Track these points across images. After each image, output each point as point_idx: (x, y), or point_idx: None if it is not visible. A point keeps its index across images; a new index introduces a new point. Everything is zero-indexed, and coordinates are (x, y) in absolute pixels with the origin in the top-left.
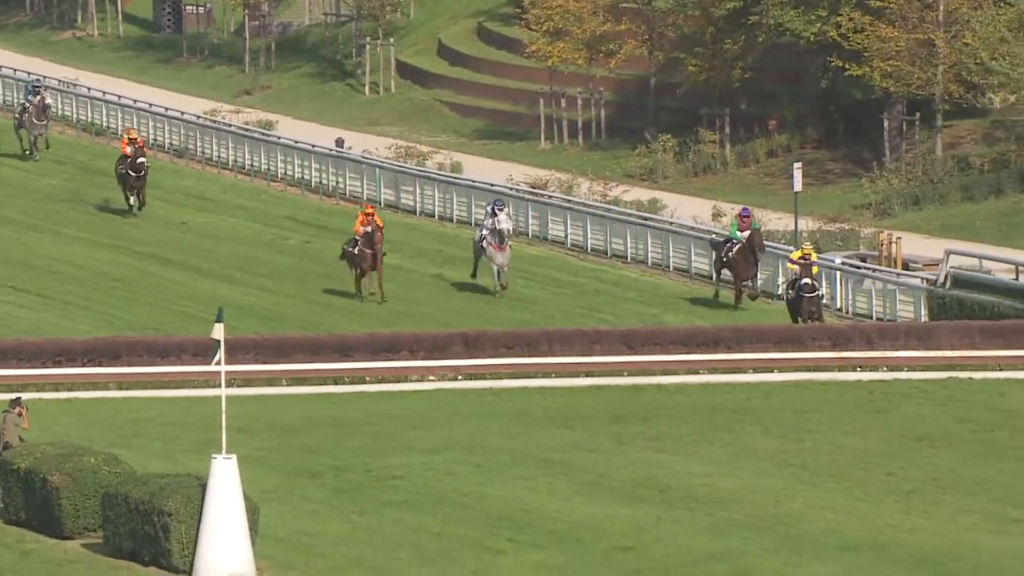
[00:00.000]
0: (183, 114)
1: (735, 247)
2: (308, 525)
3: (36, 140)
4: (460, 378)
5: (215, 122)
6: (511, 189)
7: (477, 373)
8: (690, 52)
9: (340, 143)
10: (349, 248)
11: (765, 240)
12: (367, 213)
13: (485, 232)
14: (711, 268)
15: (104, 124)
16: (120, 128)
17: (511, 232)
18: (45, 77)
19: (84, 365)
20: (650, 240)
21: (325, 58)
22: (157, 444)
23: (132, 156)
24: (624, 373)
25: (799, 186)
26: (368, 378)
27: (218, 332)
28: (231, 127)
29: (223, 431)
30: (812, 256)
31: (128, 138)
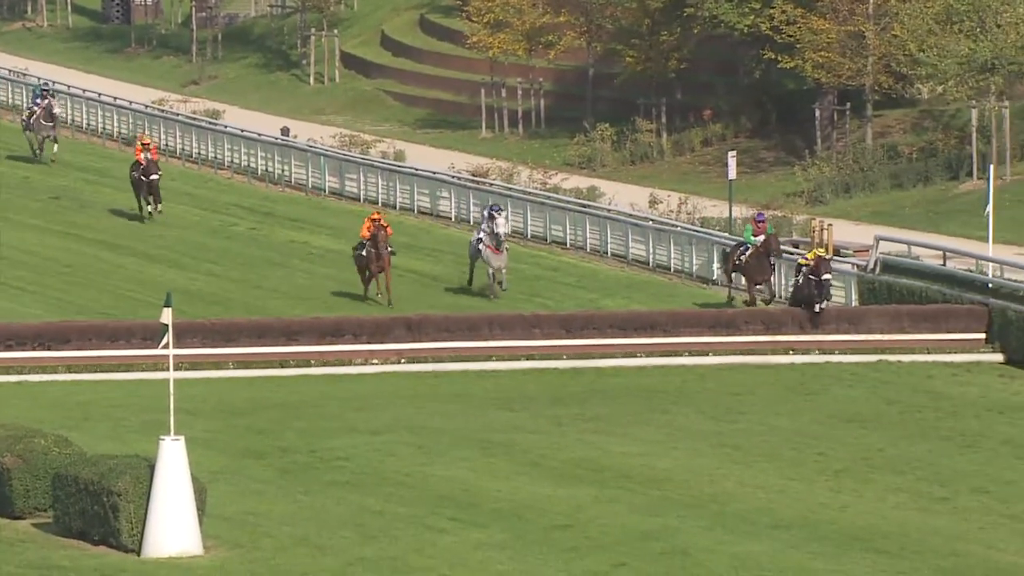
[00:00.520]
0: (131, 103)
1: (748, 251)
2: (254, 505)
3: (43, 142)
4: (403, 361)
5: (163, 111)
6: (453, 177)
7: (419, 356)
8: (627, 43)
9: (285, 132)
10: (358, 252)
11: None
12: (373, 219)
13: (482, 235)
14: (720, 275)
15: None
16: (70, 117)
17: (508, 235)
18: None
19: (34, 349)
20: (588, 227)
21: (271, 49)
22: (106, 426)
23: (146, 164)
24: (563, 356)
25: (733, 174)
26: (313, 361)
27: (166, 317)
28: (179, 116)
29: (171, 413)
30: (825, 256)
31: (141, 144)
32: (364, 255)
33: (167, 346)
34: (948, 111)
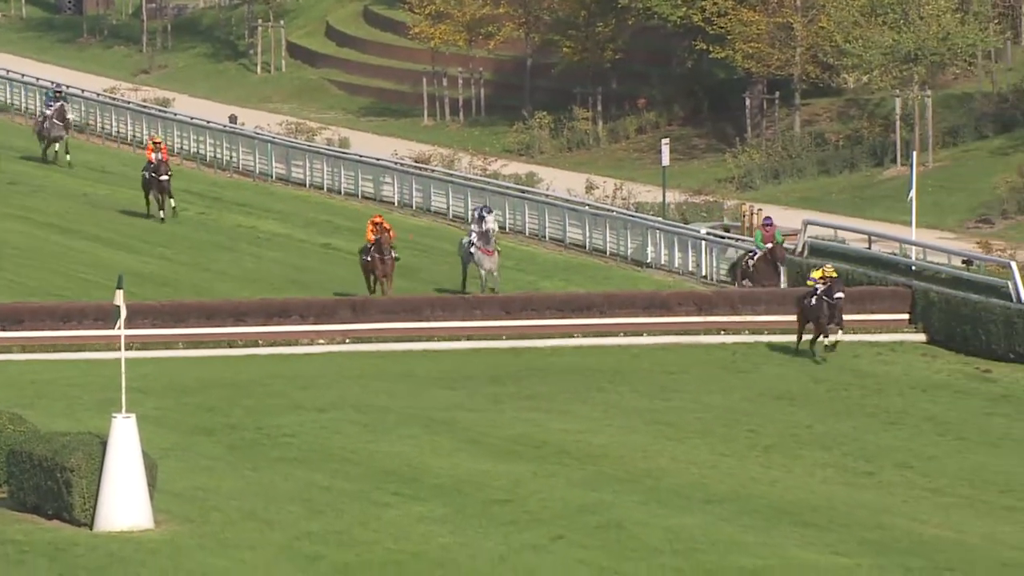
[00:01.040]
0: (84, 92)
1: (757, 255)
2: (204, 480)
3: (51, 145)
4: (348, 342)
5: (114, 99)
6: (396, 163)
7: (364, 337)
8: (564, 34)
9: (233, 119)
10: (363, 257)
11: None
12: (376, 223)
13: (472, 237)
14: (731, 280)
15: (7, 101)
16: (23, 104)
17: (497, 232)
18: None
19: None
20: (527, 212)
21: (219, 39)
22: (60, 404)
23: (156, 164)
24: (503, 337)
25: (667, 161)
26: (260, 341)
27: (118, 298)
28: (130, 104)
29: (123, 392)
30: (833, 276)
31: (152, 143)
32: (369, 260)
33: (119, 327)
34: (873, 100)
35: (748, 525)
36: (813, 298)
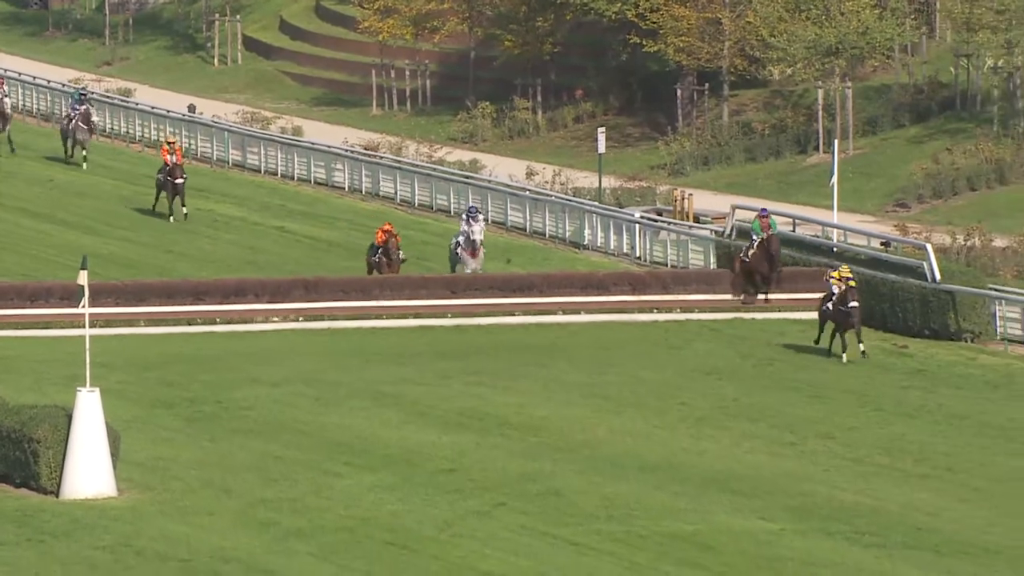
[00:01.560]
0: (50, 82)
1: (755, 245)
2: (164, 451)
3: (75, 147)
4: (301, 319)
5: (89, 92)
6: (346, 151)
7: (316, 315)
8: (506, 29)
9: (192, 109)
10: (371, 255)
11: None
12: (386, 230)
13: (460, 239)
14: (729, 269)
15: None
16: None
17: (483, 242)
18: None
19: None
20: (471, 196)
21: (178, 33)
22: (27, 379)
23: (172, 167)
24: (448, 315)
25: (603, 148)
26: (218, 319)
27: (82, 278)
28: (93, 94)
29: (87, 367)
30: (852, 280)
31: (167, 144)
32: (377, 260)
33: (84, 305)
34: (797, 91)
35: (679, 492)
36: (829, 303)
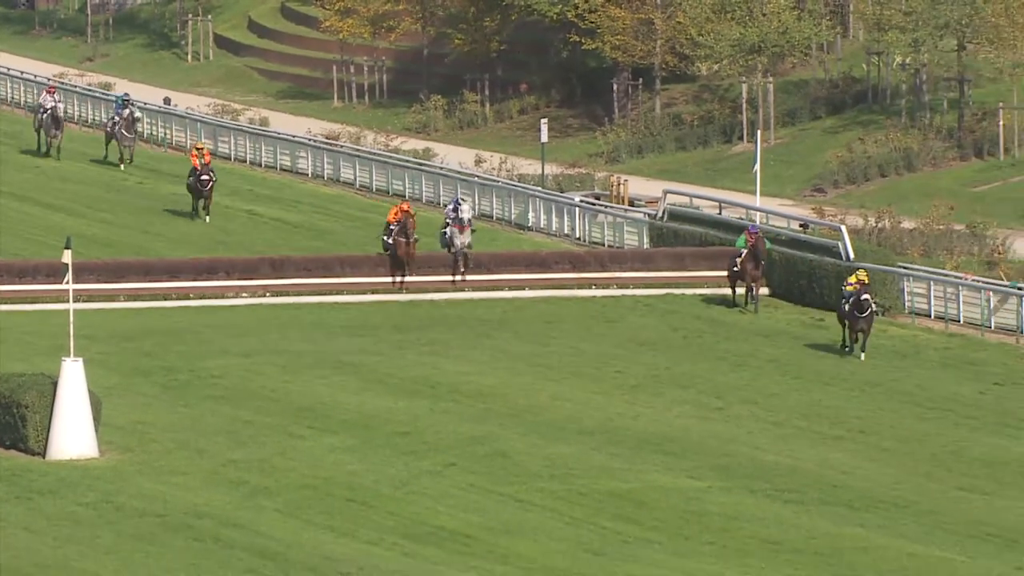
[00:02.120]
0: (36, 77)
1: (742, 254)
2: (142, 416)
3: (124, 151)
4: (268, 295)
5: (63, 83)
6: (309, 140)
7: (282, 291)
8: (456, 28)
9: (167, 101)
10: (385, 238)
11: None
12: (404, 210)
13: (448, 221)
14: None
15: None
16: None
17: (472, 220)
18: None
19: None
20: (424, 182)
21: (154, 31)
22: (16, 349)
23: (200, 169)
24: (404, 291)
25: (545, 138)
26: (192, 295)
27: (67, 257)
28: (76, 88)
29: (71, 339)
30: (867, 280)
31: (196, 149)
32: (392, 242)
33: (68, 282)
34: (723, 86)
35: (615, 453)
36: (846, 304)
